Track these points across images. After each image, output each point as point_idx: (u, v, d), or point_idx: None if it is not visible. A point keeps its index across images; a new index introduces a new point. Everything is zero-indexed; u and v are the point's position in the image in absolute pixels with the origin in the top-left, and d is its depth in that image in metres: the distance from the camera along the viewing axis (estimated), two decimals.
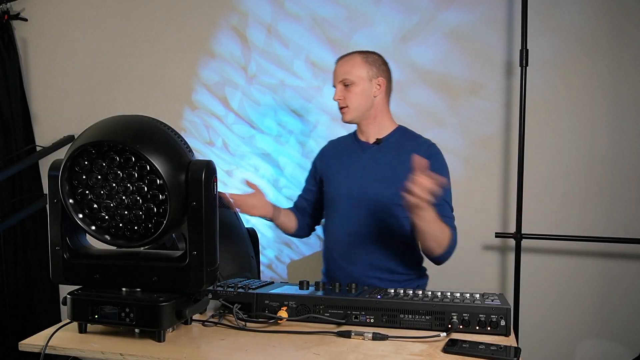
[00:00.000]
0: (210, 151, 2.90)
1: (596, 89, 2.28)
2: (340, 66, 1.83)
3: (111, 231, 1.24)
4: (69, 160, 1.18)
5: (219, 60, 2.84)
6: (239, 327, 1.31)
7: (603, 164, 2.29)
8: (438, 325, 1.28)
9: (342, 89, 1.81)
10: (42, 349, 1.20)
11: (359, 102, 1.81)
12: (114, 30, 3.00)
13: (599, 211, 2.30)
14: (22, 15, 3.10)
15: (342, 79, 1.81)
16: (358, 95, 1.80)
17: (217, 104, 2.87)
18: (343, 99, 1.81)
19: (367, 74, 1.81)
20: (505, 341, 1.22)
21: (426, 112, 2.49)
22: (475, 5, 2.40)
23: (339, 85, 1.82)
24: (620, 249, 2.27)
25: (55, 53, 3.12)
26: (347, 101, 1.81)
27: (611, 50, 2.25)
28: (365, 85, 1.81)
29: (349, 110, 1.82)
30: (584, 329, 2.36)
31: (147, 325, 1.22)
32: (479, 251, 2.47)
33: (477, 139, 2.44)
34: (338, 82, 1.82)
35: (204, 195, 1.18)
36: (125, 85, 3.00)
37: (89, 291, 1.27)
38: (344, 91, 1.81)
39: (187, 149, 1.22)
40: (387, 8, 2.53)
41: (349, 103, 1.81)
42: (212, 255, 1.23)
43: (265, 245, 2.79)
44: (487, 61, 2.41)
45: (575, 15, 2.28)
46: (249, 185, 1.85)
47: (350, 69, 1.81)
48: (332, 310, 1.34)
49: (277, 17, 2.71)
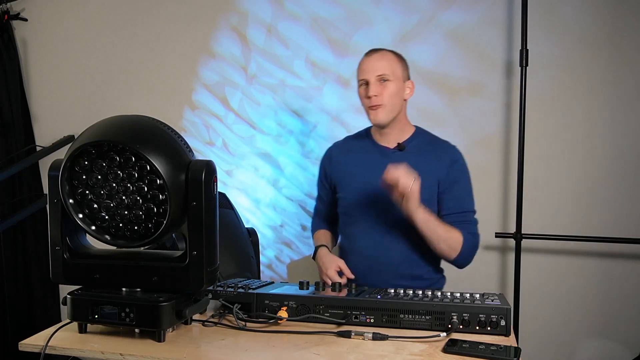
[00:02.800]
0: (210, 151, 2.90)
1: (596, 88, 2.28)
2: (376, 60, 1.69)
3: (111, 231, 1.24)
4: (69, 160, 1.18)
5: (219, 60, 2.84)
6: (239, 327, 1.31)
7: (603, 163, 2.29)
8: (438, 325, 1.28)
9: (379, 85, 1.67)
10: (42, 349, 1.20)
11: (395, 102, 1.69)
12: (114, 30, 3.00)
13: (599, 211, 2.30)
14: (22, 15, 3.10)
15: (380, 73, 1.67)
16: (395, 94, 1.69)
17: (217, 104, 2.87)
18: (380, 95, 1.67)
19: (402, 74, 1.72)
20: (505, 341, 1.22)
21: (426, 112, 2.49)
22: (475, 5, 2.40)
23: (375, 81, 1.67)
24: (621, 249, 2.27)
25: (55, 53, 3.12)
26: (383, 98, 1.67)
27: (611, 50, 2.25)
28: (400, 85, 1.71)
29: (384, 109, 1.68)
30: (584, 328, 2.36)
31: (147, 325, 1.22)
32: (479, 251, 2.45)
33: (477, 139, 2.44)
34: (374, 76, 1.67)
35: (204, 195, 1.18)
36: (125, 85, 3.00)
37: (89, 291, 1.27)
38: (380, 87, 1.67)
39: (187, 149, 1.22)
40: (387, 8, 2.53)
41: (385, 101, 1.67)
42: (212, 255, 1.23)
43: (265, 245, 2.79)
44: (487, 61, 2.41)
45: (575, 15, 2.28)
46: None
47: (388, 65, 1.68)
48: (332, 310, 1.34)
49: (277, 17, 2.71)
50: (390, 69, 1.69)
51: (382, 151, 1.78)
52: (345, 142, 1.92)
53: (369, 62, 1.70)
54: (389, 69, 1.68)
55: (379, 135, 1.80)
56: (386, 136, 1.78)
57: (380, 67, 1.68)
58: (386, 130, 1.76)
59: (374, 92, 1.66)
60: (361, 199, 1.77)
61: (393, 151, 1.77)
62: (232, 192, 2.82)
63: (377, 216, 1.74)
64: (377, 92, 1.67)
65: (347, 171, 1.83)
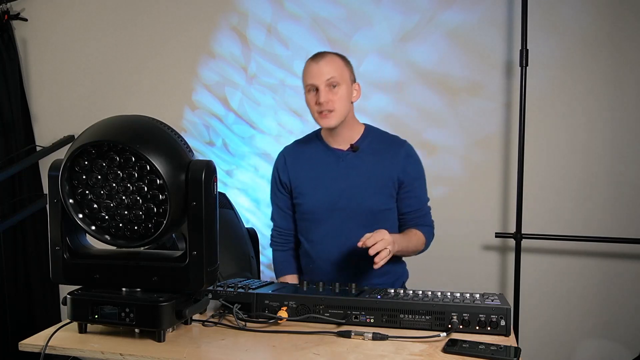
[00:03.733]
0: (210, 151, 2.90)
1: (596, 88, 2.28)
2: (323, 65, 1.66)
3: (111, 231, 1.24)
4: (69, 160, 1.18)
5: (219, 60, 2.84)
6: (239, 327, 1.31)
7: (603, 163, 2.29)
8: (438, 325, 1.28)
9: (329, 90, 1.65)
10: (42, 349, 1.20)
11: (344, 106, 1.68)
12: (114, 30, 3.00)
13: (599, 211, 2.30)
14: (22, 15, 3.11)
15: (329, 77, 1.64)
16: (343, 98, 1.67)
17: (217, 104, 2.87)
18: (331, 101, 1.65)
19: (349, 77, 1.71)
20: (505, 341, 1.22)
21: (426, 112, 2.49)
22: (475, 5, 2.40)
23: (325, 87, 1.65)
24: (621, 249, 2.28)
25: (55, 53, 3.12)
26: (334, 104, 1.66)
27: (611, 50, 2.25)
28: (348, 88, 1.70)
29: (335, 114, 1.67)
30: (584, 328, 2.36)
31: (147, 325, 1.21)
32: (479, 251, 2.47)
33: (477, 139, 2.44)
34: (324, 81, 1.65)
35: (204, 195, 1.18)
36: (125, 85, 3.00)
37: (89, 291, 1.27)
38: (330, 93, 1.66)
39: (187, 149, 1.22)
40: (387, 8, 2.53)
41: (336, 106, 1.66)
42: (212, 255, 1.23)
43: (265, 245, 2.78)
44: (487, 61, 2.41)
45: (575, 15, 2.28)
46: None
47: (335, 69, 1.66)
48: (332, 310, 1.34)
49: (277, 17, 2.71)
50: (339, 73, 1.67)
51: (336, 154, 1.78)
52: (296, 147, 1.89)
53: (317, 68, 1.66)
54: (337, 73, 1.66)
55: (330, 137, 1.79)
56: (337, 137, 1.77)
57: (328, 72, 1.65)
58: (337, 131, 1.75)
59: (324, 98, 1.64)
60: (322, 204, 1.77)
61: (347, 153, 1.77)
62: (232, 192, 2.82)
63: (339, 219, 1.76)
64: (328, 98, 1.65)
65: (303, 176, 1.81)
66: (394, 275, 1.83)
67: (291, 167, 1.84)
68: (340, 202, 1.75)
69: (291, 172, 1.84)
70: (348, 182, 1.75)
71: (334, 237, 1.77)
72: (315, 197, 1.78)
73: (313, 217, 1.80)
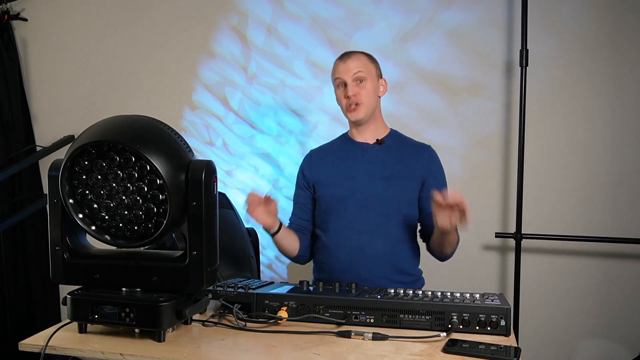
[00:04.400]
0: (210, 151, 2.90)
1: (596, 88, 2.28)
2: (350, 62, 1.77)
3: (111, 231, 1.24)
4: (69, 160, 1.18)
5: (219, 60, 2.84)
6: (239, 327, 1.31)
7: (603, 163, 2.29)
8: (438, 325, 1.28)
9: (356, 85, 1.76)
10: (42, 349, 1.20)
11: (371, 99, 1.78)
12: (114, 30, 3.00)
13: (599, 211, 2.30)
14: (22, 15, 3.11)
15: (356, 72, 1.75)
16: (371, 92, 1.77)
17: (217, 104, 2.87)
18: (358, 94, 1.76)
19: (375, 72, 1.81)
20: (505, 341, 1.22)
21: (426, 112, 2.50)
22: (475, 5, 2.40)
23: (352, 81, 1.76)
24: (621, 249, 2.27)
25: (55, 53, 3.12)
26: (361, 97, 1.76)
27: (611, 50, 2.25)
28: (375, 83, 1.79)
29: (363, 107, 1.76)
30: (584, 328, 2.36)
31: (147, 325, 1.21)
32: (479, 251, 2.47)
33: (477, 139, 2.44)
34: (351, 77, 1.75)
35: (204, 195, 1.18)
36: (125, 85, 3.00)
37: (89, 291, 1.27)
38: (357, 87, 1.76)
39: (187, 149, 1.22)
40: (387, 8, 2.53)
41: (363, 99, 1.76)
42: (212, 255, 1.23)
43: (265, 245, 2.79)
44: (487, 61, 2.41)
45: (575, 15, 2.28)
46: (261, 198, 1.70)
47: (361, 65, 1.77)
48: (332, 310, 1.34)
49: (277, 17, 2.71)
50: (365, 68, 1.77)
51: (361, 147, 1.84)
52: (323, 146, 1.97)
53: (344, 64, 1.78)
54: (364, 68, 1.77)
55: (356, 132, 1.86)
56: (364, 132, 1.84)
57: (354, 67, 1.76)
58: (363, 127, 1.83)
59: (352, 91, 1.75)
60: (343, 192, 1.80)
61: (372, 146, 1.83)
62: (232, 192, 2.82)
63: (359, 209, 1.78)
64: (356, 92, 1.75)
65: (326, 169, 1.86)
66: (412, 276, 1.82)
67: (315, 163, 1.90)
68: (362, 191, 1.78)
69: (314, 167, 1.90)
70: (371, 172, 1.79)
71: (352, 226, 1.78)
72: (337, 186, 1.82)
73: (333, 206, 1.82)
